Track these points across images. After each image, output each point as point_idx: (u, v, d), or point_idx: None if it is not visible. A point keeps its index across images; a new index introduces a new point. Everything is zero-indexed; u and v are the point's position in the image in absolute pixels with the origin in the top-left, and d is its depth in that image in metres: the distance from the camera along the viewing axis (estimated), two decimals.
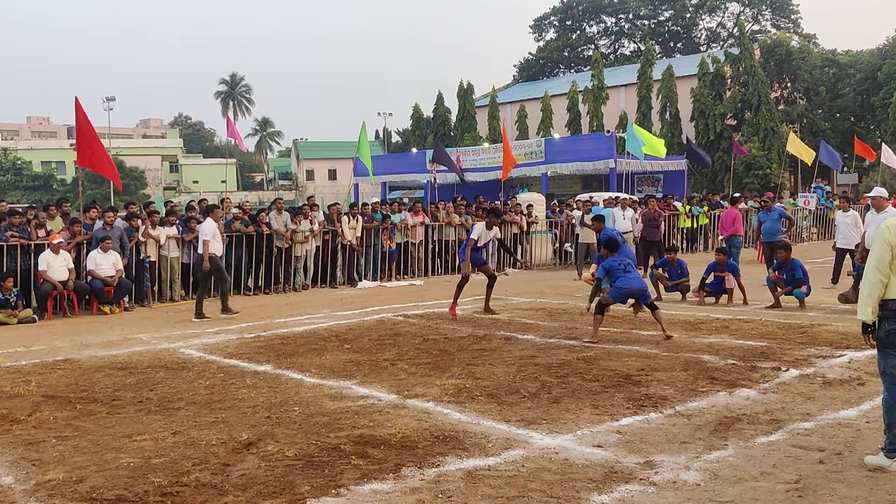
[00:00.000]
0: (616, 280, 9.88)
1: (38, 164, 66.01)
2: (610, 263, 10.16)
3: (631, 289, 9.83)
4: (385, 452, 5.43)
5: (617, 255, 10.46)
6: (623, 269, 9.90)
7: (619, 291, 9.84)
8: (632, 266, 10.21)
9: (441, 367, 8.27)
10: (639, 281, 10.00)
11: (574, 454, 5.35)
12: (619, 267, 9.96)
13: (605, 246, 10.82)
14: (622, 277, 9.82)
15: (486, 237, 12.29)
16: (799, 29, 66.47)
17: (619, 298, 9.98)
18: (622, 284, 9.80)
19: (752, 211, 23.42)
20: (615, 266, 10.02)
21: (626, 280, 9.81)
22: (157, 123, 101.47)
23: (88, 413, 6.71)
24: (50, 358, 9.26)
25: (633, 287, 9.83)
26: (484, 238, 12.24)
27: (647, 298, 10.01)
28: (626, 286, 9.80)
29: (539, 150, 39.04)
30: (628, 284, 9.80)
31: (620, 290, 9.83)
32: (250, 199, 61.26)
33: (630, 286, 9.81)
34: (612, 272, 10.02)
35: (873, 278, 4.98)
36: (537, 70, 74.20)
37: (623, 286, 9.80)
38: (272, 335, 10.67)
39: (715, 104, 44.35)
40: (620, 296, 9.93)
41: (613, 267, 10.04)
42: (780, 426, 5.88)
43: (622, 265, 9.98)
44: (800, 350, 8.65)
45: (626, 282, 9.80)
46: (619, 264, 10.03)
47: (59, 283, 12.94)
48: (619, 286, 9.82)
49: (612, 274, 9.99)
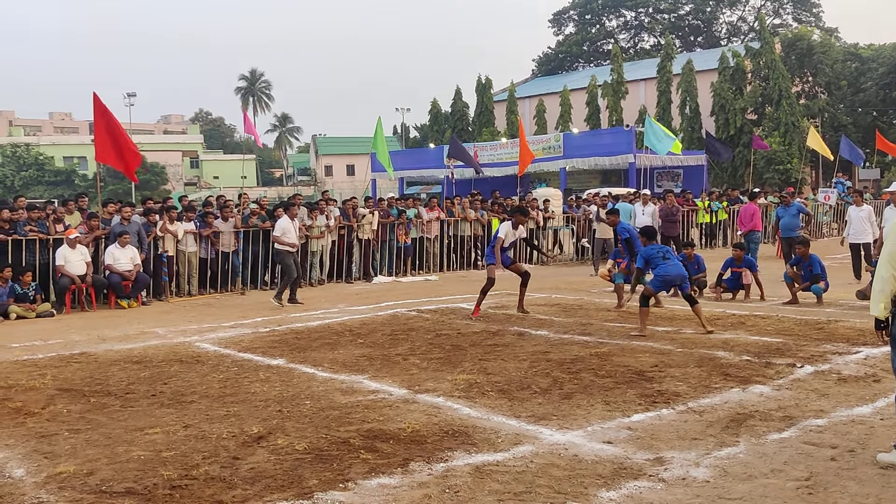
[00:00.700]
0: (656, 268, 9.79)
1: (59, 159, 66.55)
2: (648, 252, 10.04)
3: (672, 275, 9.71)
4: (394, 447, 5.43)
5: (655, 244, 10.35)
6: (662, 256, 9.80)
7: (661, 279, 9.74)
8: (671, 253, 10.11)
9: (453, 362, 8.26)
10: (678, 267, 9.88)
11: (583, 450, 5.33)
12: (657, 255, 9.85)
13: (643, 234, 10.70)
14: (662, 265, 9.72)
15: (512, 236, 12.18)
16: (820, 22, 65.97)
17: (660, 287, 9.89)
18: (662, 272, 9.69)
19: (771, 206, 23.22)
20: (654, 254, 9.92)
21: (666, 267, 9.71)
22: (178, 119, 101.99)
23: (102, 406, 6.77)
24: (66, 351, 9.34)
25: (673, 274, 9.71)
26: (510, 237, 12.09)
27: (688, 286, 9.86)
28: (667, 273, 9.69)
29: (557, 144, 38.86)
30: (668, 271, 9.69)
31: (662, 278, 9.73)
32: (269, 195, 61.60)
33: (670, 273, 9.69)
34: (651, 260, 9.92)
35: (886, 273, 4.92)
36: (556, 64, 73.97)
37: (663, 273, 9.70)
38: (286, 329, 10.71)
39: (735, 98, 44.02)
40: (662, 284, 9.84)
41: (652, 255, 9.93)
42: (792, 423, 5.83)
43: (661, 252, 9.88)
44: (815, 346, 8.57)
45: (665, 269, 9.69)
46: (658, 252, 9.92)
47: (76, 277, 13.06)
48: (659, 274, 9.71)
49: (652, 262, 9.88)
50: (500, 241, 11.75)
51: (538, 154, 35.45)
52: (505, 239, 11.84)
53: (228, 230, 15.35)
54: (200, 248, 15.13)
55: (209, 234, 15.08)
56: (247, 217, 16.05)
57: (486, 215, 19.42)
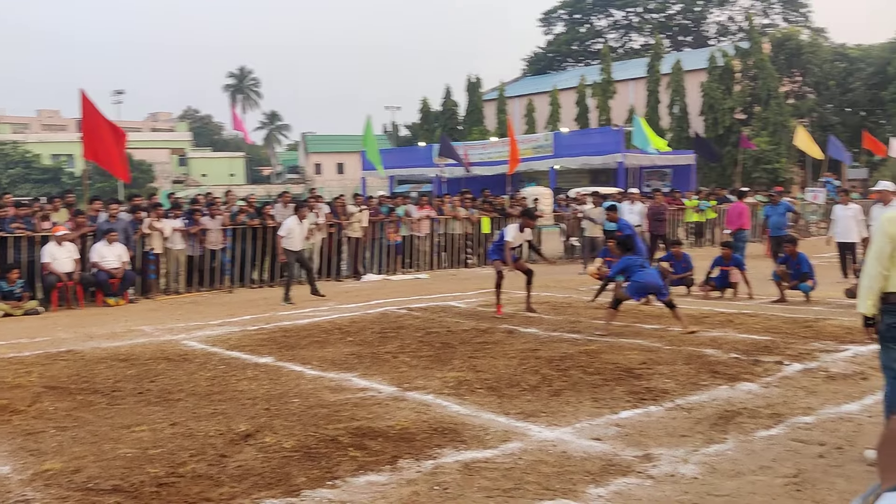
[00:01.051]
0: (633, 274, 9.81)
1: (47, 157, 66.13)
2: (627, 262, 10.10)
3: (648, 283, 9.74)
4: (383, 444, 5.42)
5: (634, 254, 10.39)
6: (640, 265, 9.86)
7: (637, 286, 9.77)
8: (647, 263, 10.18)
9: (442, 359, 8.25)
10: (655, 276, 9.95)
11: (572, 447, 5.33)
12: (636, 264, 9.90)
13: (620, 247, 10.73)
14: (639, 272, 9.76)
15: (520, 239, 12.20)
16: (809, 22, 66.17)
17: (635, 293, 9.91)
18: (639, 279, 9.73)
19: (759, 205, 23.30)
20: (632, 264, 9.96)
21: (643, 274, 9.74)
22: (166, 117, 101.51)
23: (88, 404, 6.72)
24: (53, 349, 9.28)
25: (649, 281, 9.75)
26: (518, 240, 12.13)
27: (665, 295, 9.85)
28: (643, 280, 9.72)
29: (547, 143, 38.93)
30: (645, 279, 9.72)
31: (638, 285, 9.75)
32: (258, 193, 61.38)
33: (647, 280, 9.73)
34: (630, 268, 9.95)
35: (873, 271, 4.93)
36: (546, 64, 73.95)
37: (640, 280, 9.72)
38: (275, 327, 10.67)
39: (724, 98, 44.16)
40: (637, 290, 9.86)
41: (631, 265, 9.98)
42: (780, 420, 5.85)
43: (638, 263, 9.93)
44: (803, 344, 8.60)
45: (643, 276, 9.72)
46: (637, 262, 9.97)
47: (63, 274, 12.98)
48: (636, 280, 9.75)
49: (630, 270, 9.92)
50: (509, 244, 11.75)
51: (528, 153, 35.53)
52: (513, 241, 11.88)
53: (216, 228, 15.29)
54: (188, 245, 15.07)
55: (197, 231, 15.02)
56: (235, 214, 16.00)
57: (477, 214, 19.42)
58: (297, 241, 13.70)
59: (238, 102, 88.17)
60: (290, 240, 13.54)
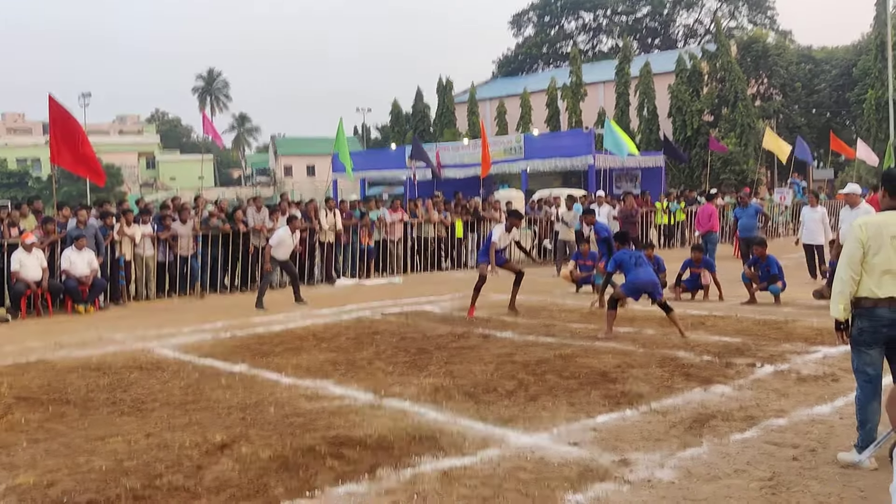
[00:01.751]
0: (628, 273, 9.84)
1: (13, 161, 65.22)
2: (621, 256, 10.08)
3: (643, 282, 9.74)
4: (360, 453, 5.40)
5: (628, 248, 10.41)
6: (634, 262, 9.83)
7: (632, 285, 9.79)
8: (643, 259, 10.13)
9: (419, 365, 8.25)
10: (650, 274, 9.90)
11: (550, 453, 5.35)
12: (630, 260, 9.89)
13: (616, 238, 10.83)
14: (633, 271, 9.76)
15: (506, 239, 12.26)
16: (775, 25, 67.07)
17: (631, 292, 9.92)
18: (634, 278, 9.74)
19: (729, 206, 23.58)
20: (626, 259, 9.95)
21: (638, 273, 9.74)
22: (134, 119, 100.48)
23: (61, 415, 6.63)
24: (23, 359, 9.13)
25: (644, 280, 9.75)
26: (504, 241, 12.20)
27: (660, 294, 9.85)
28: (638, 279, 9.72)
29: (518, 146, 39.00)
30: (640, 278, 9.72)
31: (633, 284, 9.77)
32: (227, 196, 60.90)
33: (641, 279, 9.72)
34: (623, 265, 9.96)
35: (845, 275, 5.01)
36: (516, 66, 74.26)
37: (635, 280, 9.73)
38: (248, 334, 10.60)
39: (692, 100, 44.56)
40: (633, 290, 9.87)
41: (624, 260, 9.97)
42: (754, 423, 5.92)
43: (633, 258, 9.91)
44: (775, 346, 8.71)
45: (637, 275, 9.73)
46: (631, 257, 9.96)
47: (32, 282, 12.79)
48: (631, 280, 9.77)
49: (624, 267, 9.93)
50: (494, 244, 11.88)
51: (499, 155, 35.60)
52: (498, 242, 11.97)
53: (187, 233, 15.16)
54: (158, 251, 14.93)
55: (167, 237, 14.89)
56: (206, 220, 15.87)
57: (450, 217, 19.43)
58: (285, 251, 13.73)
59: (207, 105, 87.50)
60: (279, 249, 13.55)
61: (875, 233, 4.99)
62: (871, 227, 5.02)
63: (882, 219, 5.08)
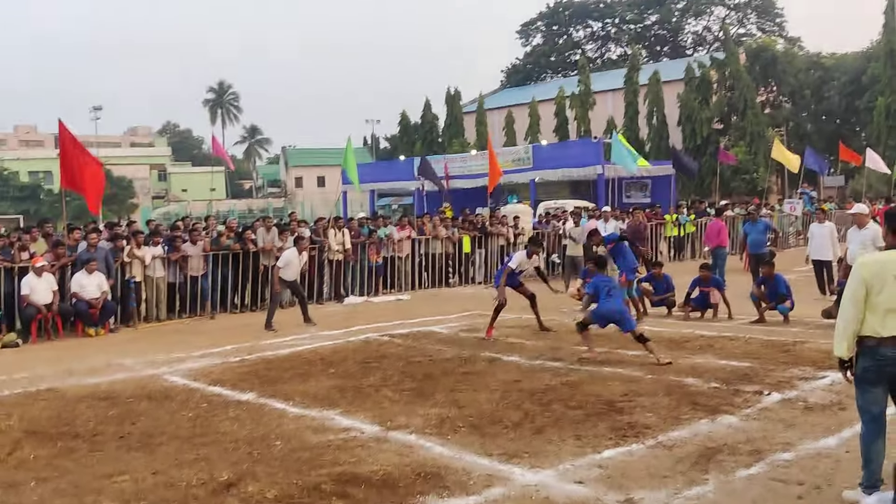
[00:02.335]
0: (599, 301, 9.88)
1: (25, 174, 65.57)
2: (596, 283, 10.15)
3: (610, 311, 9.78)
4: (366, 492, 5.42)
5: (604, 275, 10.48)
6: (607, 291, 9.89)
7: (599, 314, 9.84)
8: (616, 290, 10.19)
9: (424, 393, 8.25)
10: (618, 303, 9.97)
11: (555, 491, 5.35)
12: (603, 288, 9.95)
13: (594, 263, 10.87)
14: (603, 301, 9.81)
15: (526, 264, 12.34)
16: (784, 32, 66.93)
17: (598, 320, 9.97)
18: (601, 308, 9.81)
19: (739, 218, 23.52)
20: (600, 287, 10.02)
21: (606, 304, 9.79)
22: (146, 131, 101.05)
23: (69, 451, 6.67)
24: (33, 387, 9.19)
25: (611, 309, 9.79)
26: (524, 266, 12.32)
27: (630, 326, 9.83)
28: (605, 309, 9.78)
29: (527, 156, 38.98)
30: (607, 307, 9.78)
31: (600, 313, 9.83)
32: (239, 207, 61.23)
33: (609, 308, 9.78)
34: (597, 291, 10.01)
35: (849, 314, 5.00)
36: (524, 75, 74.33)
37: (601, 309, 9.80)
38: (257, 358, 10.64)
39: (701, 109, 44.51)
40: (600, 317, 9.91)
41: (599, 287, 10.04)
42: (760, 457, 5.90)
43: (606, 287, 9.97)
44: (782, 371, 8.69)
45: (605, 305, 9.79)
46: (605, 285, 10.02)
47: (43, 306, 12.88)
48: (598, 309, 9.83)
49: (597, 294, 9.98)
50: (511, 269, 12.09)
51: (508, 165, 35.55)
52: (518, 267, 12.16)
53: (197, 254, 15.24)
54: (168, 272, 15.01)
55: (178, 258, 14.97)
56: (216, 239, 15.95)
57: (457, 233, 19.47)
58: (293, 272, 13.83)
59: (218, 116, 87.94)
60: (287, 270, 13.65)
61: (878, 271, 4.97)
62: (874, 266, 5.01)
63: (885, 257, 5.07)
